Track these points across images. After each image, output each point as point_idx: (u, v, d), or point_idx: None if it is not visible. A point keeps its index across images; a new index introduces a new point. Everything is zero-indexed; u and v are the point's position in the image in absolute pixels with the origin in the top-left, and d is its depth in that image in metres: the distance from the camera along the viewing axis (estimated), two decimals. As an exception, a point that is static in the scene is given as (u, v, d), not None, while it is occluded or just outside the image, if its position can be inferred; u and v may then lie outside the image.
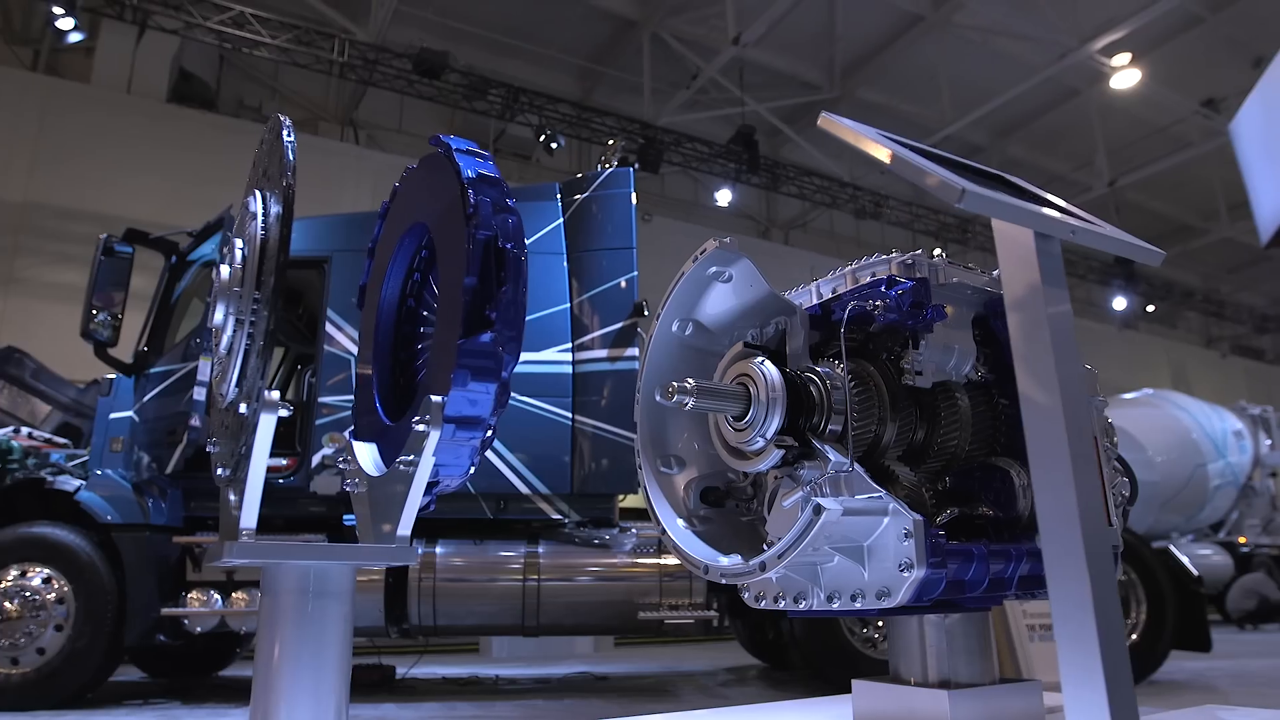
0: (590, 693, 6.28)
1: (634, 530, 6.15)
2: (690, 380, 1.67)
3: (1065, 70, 14.29)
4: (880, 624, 5.90)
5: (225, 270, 1.48)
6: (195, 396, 5.23)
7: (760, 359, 1.77)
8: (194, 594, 5.44)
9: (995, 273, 1.98)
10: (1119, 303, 19.71)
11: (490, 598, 5.80)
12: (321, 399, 5.65)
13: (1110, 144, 16.41)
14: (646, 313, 6.25)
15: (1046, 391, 1.17)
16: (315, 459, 5.53)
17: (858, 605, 1.66)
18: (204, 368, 5.32)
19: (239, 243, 1.51)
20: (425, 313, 1.81)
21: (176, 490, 5.67)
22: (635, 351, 6.19)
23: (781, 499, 1.76)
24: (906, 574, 1.57)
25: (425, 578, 5.65)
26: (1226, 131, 15.12)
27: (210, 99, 13.03)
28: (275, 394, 1.29)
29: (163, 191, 11.17)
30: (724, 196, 16.04)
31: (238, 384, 1.43)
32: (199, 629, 5.43)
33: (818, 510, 1.53)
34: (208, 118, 12.55)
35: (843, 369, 1.74)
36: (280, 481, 5.67)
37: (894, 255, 1.87)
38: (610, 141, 7.75)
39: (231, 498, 1.42)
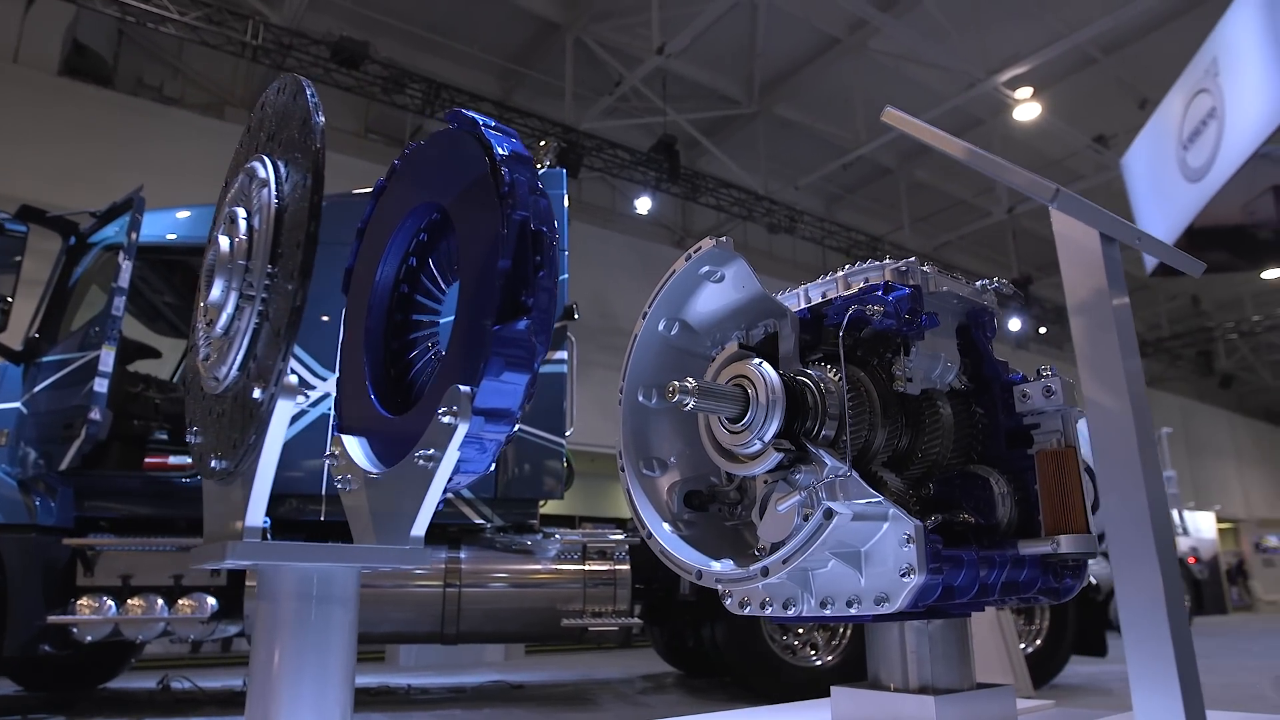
0: (508, 701, 6.14)
1: (557, 536, 6.05)
2: (690, 380, 1.63)
3: (971, 100, 14.95)
4: (801, 631, 5.98)
5: (225, 242, 1.34)
6: (96, 388, 4.87)
7: (758, 361, 1.75)
8: (85, 600, 5.06)
9: (979, 283, 2.02)
10: (1014, 324, 20.68)
11: (408, 604, 5.60)
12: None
13: (1009, 173, 17.20)
14: (576, 316, 6.18)
15: (1113, 391, 1.18)
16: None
17: (853, 611, 1.64)
18: (106, 358, 4.98)
19: (242, 212, 1.37)
20: (421, 299, 1.71)
21: (68, 489, 5.27)
22: (563, 355, 6.11)
23: (775, 503, 1.74)
24: (907, 579, 1.56)
25: (340, 584, 5.42)
26: (1115, 166, 16.12)
27: (106, 75, 12.26)
28: (294, 378, 1.18)
29: (50, 170, 10.42)
30: (644, 204, 16.11)
31: (240, 368, 1.30)
32: (89, 638, 5.05)
33: (828, 514, 1.51)
34: (103, 95, 11.80)
35: (839, 374, 1.74)
36: (185, 480, 5.36)
37: (887, 262, 1.87)
38: (543, 143, 7.66)
39: (226, 493, 1.29)
